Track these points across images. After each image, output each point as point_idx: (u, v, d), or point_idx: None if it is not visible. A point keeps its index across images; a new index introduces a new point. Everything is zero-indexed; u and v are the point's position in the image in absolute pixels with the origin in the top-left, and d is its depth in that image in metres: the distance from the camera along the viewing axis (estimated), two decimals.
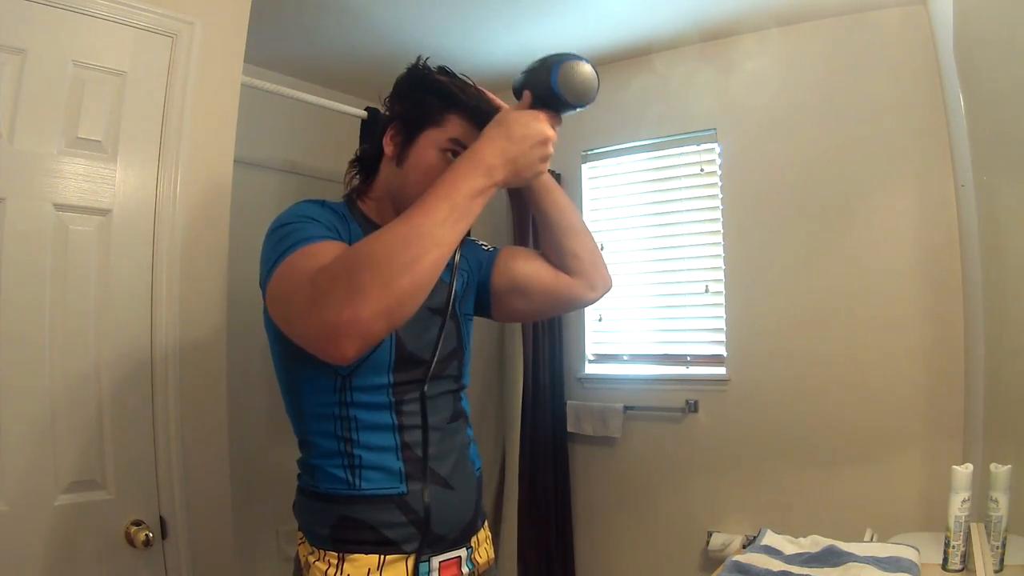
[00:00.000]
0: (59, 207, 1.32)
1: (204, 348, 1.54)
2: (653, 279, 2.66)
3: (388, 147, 1.06)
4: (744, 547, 1.39)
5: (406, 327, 0.91)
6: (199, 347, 1.52)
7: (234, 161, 1.62)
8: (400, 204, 1.02)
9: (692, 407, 2.47)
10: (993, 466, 1.14)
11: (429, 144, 1.01)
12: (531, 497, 2.61)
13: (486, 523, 1.15)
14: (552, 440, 2.64)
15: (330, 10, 2.18)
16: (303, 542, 1.02)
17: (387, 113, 1.08)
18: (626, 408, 2.57)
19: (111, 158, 1.40)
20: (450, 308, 1.06)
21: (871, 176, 2.20)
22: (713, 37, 2.45)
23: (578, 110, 0.93)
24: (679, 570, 2.45)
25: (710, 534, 2.36)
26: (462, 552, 1.05)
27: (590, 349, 2.78)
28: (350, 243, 0.94)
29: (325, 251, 0.86)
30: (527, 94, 0.94)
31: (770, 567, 1.20)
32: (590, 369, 2.76)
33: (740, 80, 2.43)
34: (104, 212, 1.38)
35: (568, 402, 2.70)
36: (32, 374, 1.28)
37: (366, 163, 1.11)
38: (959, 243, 2.02)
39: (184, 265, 1.49)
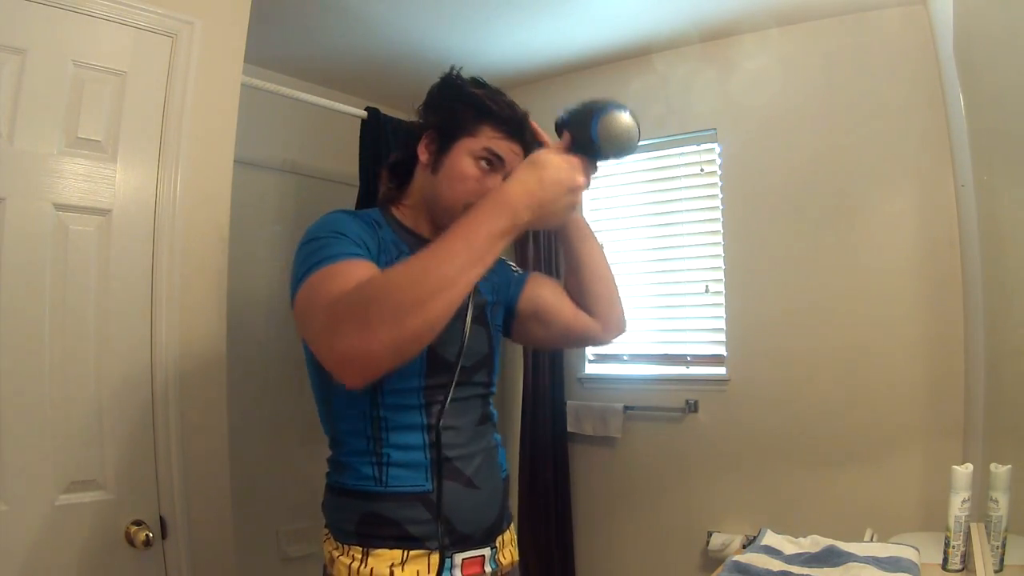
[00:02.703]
0: (59, 207, 1.32)
1: (204, 348, 1.54)
2: (653, 279, 2.66)
3: (423, 155, 1.08)
4: (744, 547, 1.39)
5: (440, 333, 0.93)
6: (199, 347, 1.52)
7: (234, 161, 1.62)
8: (434, 210, 1.07)
9: (692, 407, 2.47)
10: (993, 466, 1.14)
11: (463, 152, 1.04)
12: (531, 497, 2.61)
13: (512, 525, 1.17)
14: (552, 440, 2.64)
15: (330, 10, 2.18)
16: (328, 538, 1.05)
17: (421, 121, 1.11)
18: (626, 408, 2.57)
19: (111, 158, 1.40)
20: (480, 315, 1.10)
21: (871, 176, 2.20)
22: (713, 37, 2.45)
23: (615, 160, 0.92)
24: (679, 570, 2.45)
25: (710, 534, 2.36)
26: (486, 551, 1.07)
27: (590, 349, 2.78)
28: (381, 254, 0.99)
29: (349, 273, 0.87)
30: (567, 135, 0.94)
31: (770, 567, 1.20)
32: (590, 369, 2.76)
33: (740, 80, 2.43)
34: (104, 212, 1.38)
35: (568, 402, 2.70)
36: (32, 374, 1.28)
37: (400, 170, 1.14)
38: (959, 243, 2.02)
39: (184, 265, 1.49)
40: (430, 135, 1.08)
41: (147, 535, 1.35)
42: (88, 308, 1.36)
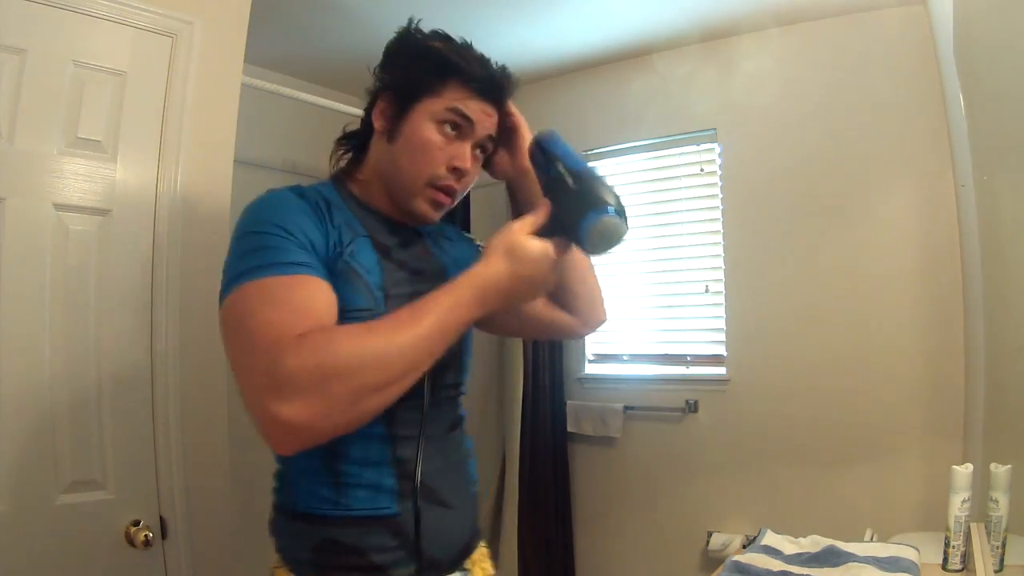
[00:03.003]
0: (59, 207, 1.32)
1: (204, 348, 1.53)
2: (653, 279, 2.66)
3: (377, 122, 0.94)
4: (744, 547, 1.39)
5: None
6: (199, 346, 1.52)
7: (234, 161, 1.62)
8: (392, 185, 0.94)
9: (692, 407, 2.47)
10: (993, 466, 1.14)
11: (424, 116, 0.90)
12: (531, 497, 2.61)
13: (482, 542, 1.06)
14: (552, 440, 2.64)
15: (330, 10, 2.18)
16: (280, 566, 0.94)
17: (376, 84, 0.97)
18: (626, 408, 2.57)
19: (111, 158, 1.40)
20: None
21: (871, 176, 2.20)
22: (713, 37, 2.45)
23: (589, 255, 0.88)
24: (679, 570, 2.45)
25: (710, 534, 2.36)
26: None
27: (590, 349, 2.78)
28: (331, 239, 0.86)
29: (294, 301, 0.76)
30: (546, 206, 0.84)
31: (770, 567, 1.20)
32: (590, 369, 2.76)
33: (740, 80, 2.43)
34: (104, 212, 1.38)
35: (568, 402, 2.70)
36: (32, 374, 1.28)
37: (353, 140, 1.01)
38: (959, 243, 2.02)
39: (184, 265, 1.49)
40: (386, 98, 0.94)
41: (147, 535, 1.35)
42: (88, 308, 1.36)
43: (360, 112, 1.04)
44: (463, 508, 0.97)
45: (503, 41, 2.46)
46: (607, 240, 0.81)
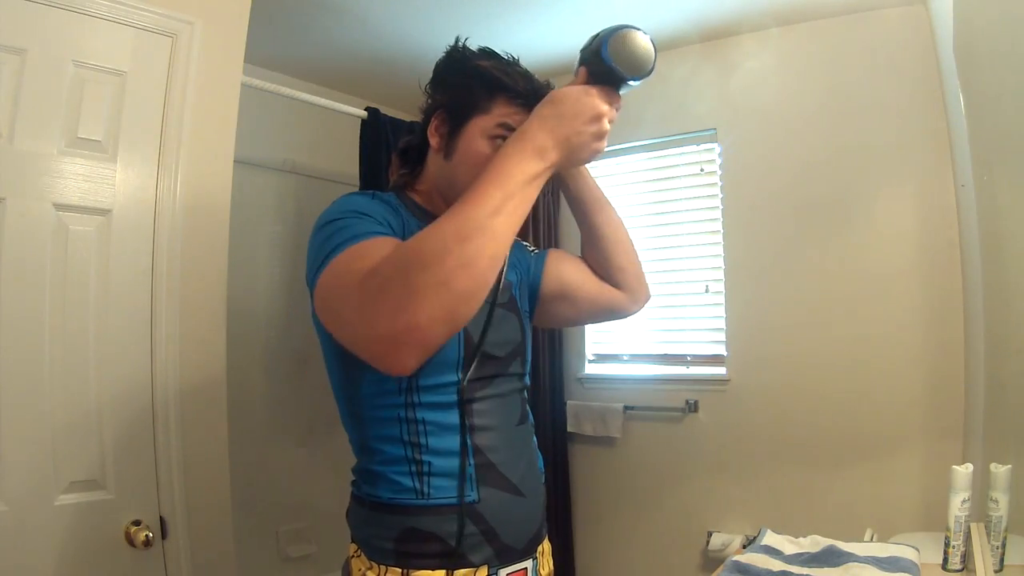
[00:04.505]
0: (59, 207, 1.32)
1: (204, 347, 1.54)
2: (653, 279, 2.62)
3: (433, 139, 0.99)
4: (744, 547, 1.39)
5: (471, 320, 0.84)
6: (199, 346, 1.52)
7: (234, 161, 1.62)
8: (450, 199, 0.95)
9: (692, 407, 2.47)
10: (993, 466, 1.14)
11: (476, 133, 0.95)
12: None
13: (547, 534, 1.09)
14: (552, 440, 2.64)
15: (330, 10, 2.18)
16: (358, 555, 0.94)
17: (428, 102, 1.01)
18: (626, 408, 2.57)
19: (111, 158, 1.40)
20: (509, 299, 1.02)
21: (871, 176, 2.20)
22: (713, 37, 2.45)
23: (634, 84, 0.86)
24: (679, 570, 2.45)
25: (710, 534, 2.36)
26: (528, 564, 0.98)
27: (590, 349, 2.78)
28: (404, 237, 0.88)
29: (375, 249, 0.79)
30: (582, 70, 0.88)
31: (770, 567, 1.19)
32: (590, 369, 2.76)
33: (740, 80, 2.43)
34: (104, 212, 1.38)
35: (568, 402, 2.71)
36: (32, 373, 1.28)
37: (412, 155, 1.05)
38: (959, 243, 2.02)
39: (184, 265, 1.49)
40: (439, 116, 0.98)
41: (147, 535, 1.35)
42: (88, 308, 1.36)
43: (359, 112, 1.06)
44: (535, 497, 1.00)
45: (503, 41, 2.42)
46: (631, 51, 0.85)
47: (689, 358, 2.55)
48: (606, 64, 0.84)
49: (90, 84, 1.37)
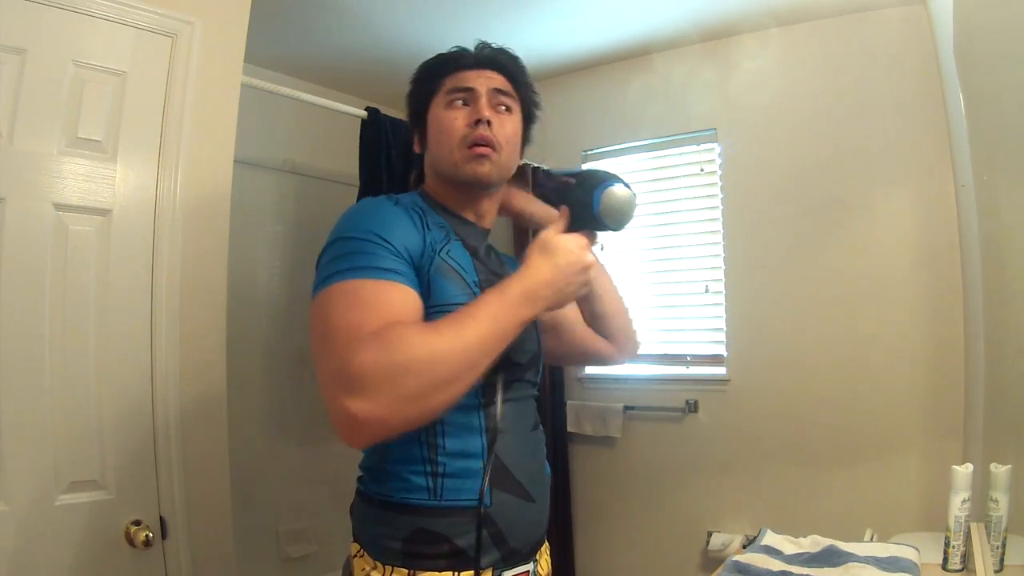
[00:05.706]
0: (59, 207, 1.32)
1: (204, 348, 1.54)
2: (653, 279, 2.66)
3: (416, 147, 1.11)
4: (744, 547, 1.39)
5: None
6: (199, 346, 1.52)
7: (234, 161, 1.62)
8: (442, 172, 1.05)
9: (692, 407, 2.47)
10: (993, 466, 1.14)
11: (435, 109, 1.04)
12: None
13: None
14: (552, 440, 2.64)
15: (330, 10, 2.18)
16: (361, 555, 0.94)
17: (407, 123, 1.13)
18: (626, 408, 2.57)
19: (111, 158, 1.40)
20: None
21: (871, 176, 2.20)
22: (713, 37, 2.45)
23: (613, 233, 0.95)
24: (679, 570, 2.45)
25: (710, 534, 2.36)
26: (530, 566, 1.00)
27: None
28: (427, 240, 0.94)
29: (378, 303, 0.82)
30: (565, 210, 0.96)
31: (770, 567, 1.20)
32: (590, 369, 2.76)
33: (740, 80, 2.43)
34: (104, 212, 1.38)
35: (568, 402, 2.70)
36: (32, 374, 1.28)
37: (417, 166, 1.15)
38: (959, 243, 2.02)
39: (184, 265, 1.49)
40: (411, 125, 1.11)
41: (147, 535, 1.35)
42: (88, 308, 1.36)
43: (359, 112, 1.12)
44: (542, 503, 1.02)
45: (504, 41, 2.41)
46: (619, 207, 0.92)
47: (689, 358, 2.55)
48: (598, 220, 0.93)
49: (90, 84, 1.37)
